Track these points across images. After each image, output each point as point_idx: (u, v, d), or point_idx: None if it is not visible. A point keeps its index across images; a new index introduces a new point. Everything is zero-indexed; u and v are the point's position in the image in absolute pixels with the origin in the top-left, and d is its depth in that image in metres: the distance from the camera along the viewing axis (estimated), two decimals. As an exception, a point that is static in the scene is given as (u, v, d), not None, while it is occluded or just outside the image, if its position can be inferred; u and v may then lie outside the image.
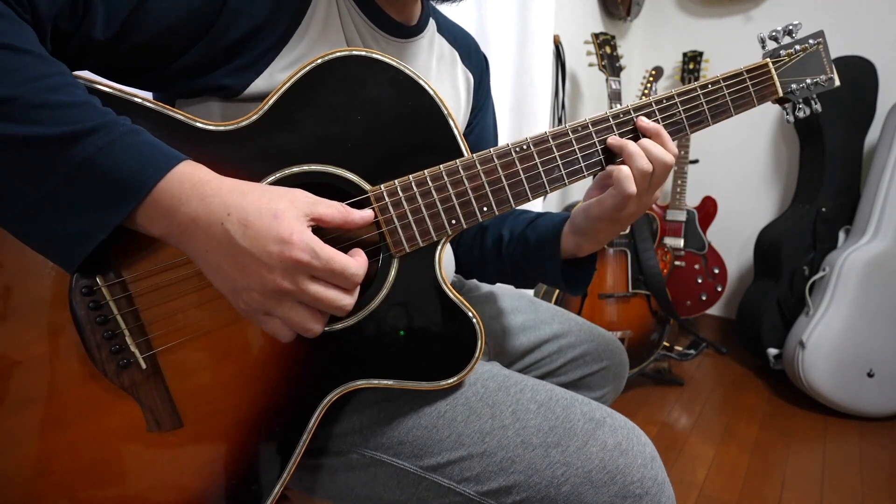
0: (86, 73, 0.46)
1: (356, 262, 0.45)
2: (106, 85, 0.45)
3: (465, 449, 0.53)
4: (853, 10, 1.84)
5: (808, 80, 0.67)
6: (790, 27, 0.66)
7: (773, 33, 0.67)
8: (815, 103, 0.69)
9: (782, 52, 0.67)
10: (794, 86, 0.67)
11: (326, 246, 0.43)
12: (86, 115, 0.40)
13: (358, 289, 0.47)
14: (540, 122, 1.49)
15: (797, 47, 0.67)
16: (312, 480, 0.61)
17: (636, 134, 0.58)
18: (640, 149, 0.55)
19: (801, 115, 0.69)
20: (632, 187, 0.54)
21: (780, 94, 0.66)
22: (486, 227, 0.75)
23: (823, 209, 1.78)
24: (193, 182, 0.42)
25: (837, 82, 0.68)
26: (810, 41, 0.67)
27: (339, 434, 0.58)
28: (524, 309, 0.82)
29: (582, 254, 0.65)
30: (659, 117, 0.59)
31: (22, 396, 0.44)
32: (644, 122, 0.57)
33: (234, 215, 0.42)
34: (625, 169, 0.55)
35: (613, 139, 0.57)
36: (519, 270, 0.71)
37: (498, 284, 0.87)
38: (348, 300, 0.45)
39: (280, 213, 0.42)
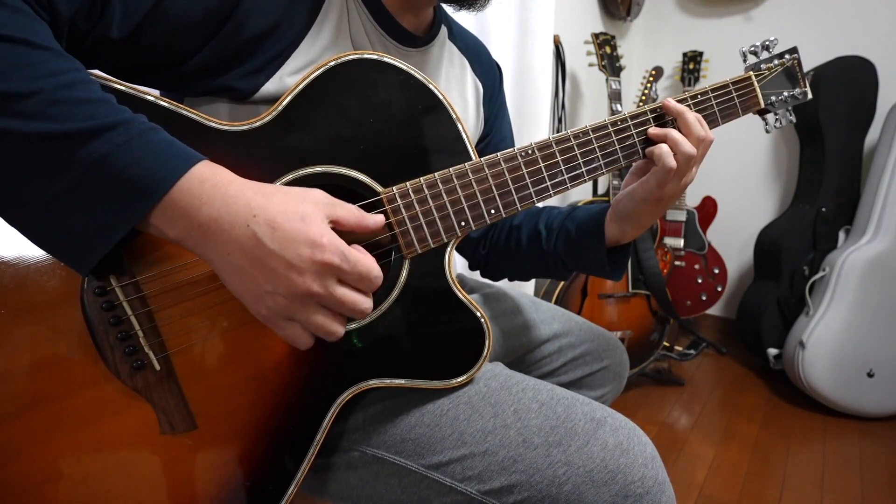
0: (97, 72, 0.45)
1: (377, 265, 0.45)
2: (117, 82, 0.45)
3: (467, 448, 0.53)
4: (853, 10, 1.84)
5: (786, 93, 0.71)
6: (767, 42, 0.70)
7: (753, 48, 0.71)
8: (790, 115, 0.73)
9: (762, 66, 0.70)
10: (773, 98, 0.70)
11: (352, 249, 0.44)
12: (102, 112, 0.39)
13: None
14: (540, 123, 1.50)
15: (776, 62, 0.70)
16: (313, 479, 0.61)
17: (635, 141, 0.61)
18: (679, 136, 0.60)
19: (777, 126, 0.73)
20: (671, 161, 0.58)
21: (762, 105, 0.69)
22: (518, 227, 0.76)
23: (823, 209, 1.78)
24: (214, 182, 0.41)
25: (810, 96, 0.72)
26: (786, 56, 0.71)
27: (340, 432, 0.59)
28: (525, 309, 0.82)
29: (626, 239, 0.67)
30: (654, 125, 0.62)
31: (30, 399, 0.43)
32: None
33: (261, 217, 0.41)
34: (663, 146, 0.59)
35: (654, 130, 0.61)
36: (560, 263, 0.72)
37: (498, 285, 0.88)
38: (370, 302, 0.46)
39: (307, 215, 0.42)
